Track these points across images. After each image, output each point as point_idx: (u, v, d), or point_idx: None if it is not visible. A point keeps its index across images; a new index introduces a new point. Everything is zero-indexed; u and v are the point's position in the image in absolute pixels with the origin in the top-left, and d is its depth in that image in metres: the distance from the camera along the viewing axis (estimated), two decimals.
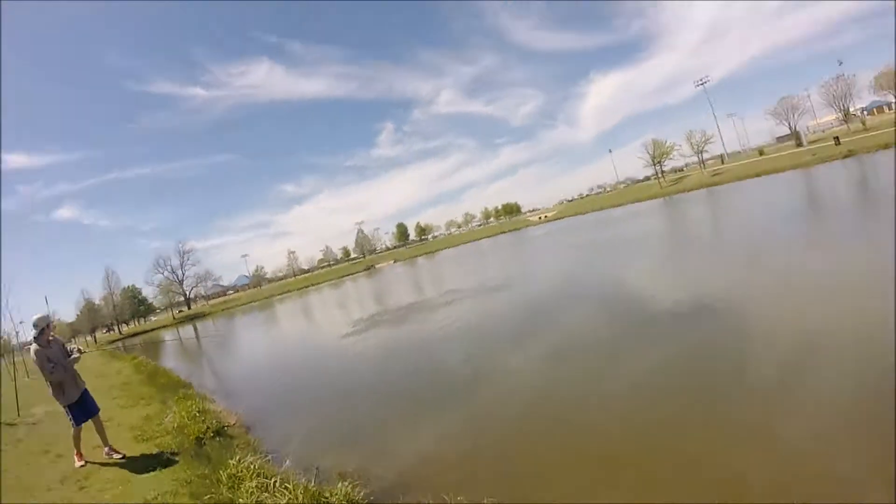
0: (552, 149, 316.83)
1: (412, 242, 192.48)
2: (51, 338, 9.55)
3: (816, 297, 11.54)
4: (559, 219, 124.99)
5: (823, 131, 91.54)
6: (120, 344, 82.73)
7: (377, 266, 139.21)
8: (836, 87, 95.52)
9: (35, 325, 9.36)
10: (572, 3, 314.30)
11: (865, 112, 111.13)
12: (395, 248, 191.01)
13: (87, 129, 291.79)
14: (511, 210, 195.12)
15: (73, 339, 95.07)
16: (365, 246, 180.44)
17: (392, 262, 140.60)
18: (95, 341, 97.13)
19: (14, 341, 42.76)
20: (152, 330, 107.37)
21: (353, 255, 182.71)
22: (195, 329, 76.03)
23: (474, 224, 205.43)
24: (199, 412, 12.50)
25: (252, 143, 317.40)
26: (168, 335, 79.82)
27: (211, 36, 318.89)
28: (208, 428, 10.66)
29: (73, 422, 9.69)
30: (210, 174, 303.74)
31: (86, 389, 10.04)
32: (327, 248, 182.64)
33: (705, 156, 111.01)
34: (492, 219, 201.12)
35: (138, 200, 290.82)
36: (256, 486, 7.29)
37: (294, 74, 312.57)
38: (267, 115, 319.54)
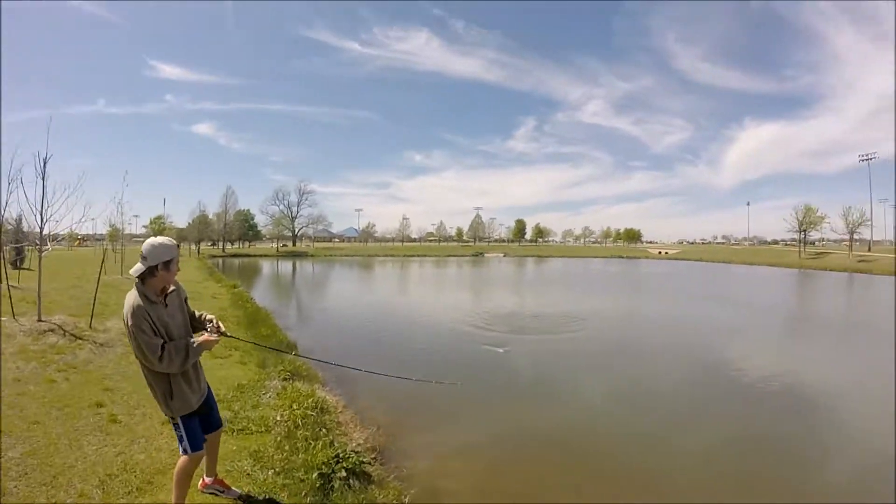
0: (686, 186, 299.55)
1: (525, 241, 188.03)
2: (171, 289, 4.93)
3: None
4: (681, 259, 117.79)
5: None
6: (220, 261, 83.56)
7: (486, 255, 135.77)
8: None
9: (144, 257, 4.70)
10: (746, 39, 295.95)
11: None
12: (508, 241, 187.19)
13: (244, 58, 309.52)
14: (632, 236, 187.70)
15: (178, 245, 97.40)
16: (479, 232, 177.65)
17: (502, 255, 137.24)
18: (199, 252, 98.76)
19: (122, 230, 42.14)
20: (253, 255, 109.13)
21: (465, 238, 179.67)
22: (294, 267, 74.88)
23: (590, 239, 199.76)
24: (315, 409, 8.74)
25: (393, 106, 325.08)
26: (266, 266, 79.35)
27: None
28: (339, 458, 6.71)
29: (185, 445, 4.86)
30: (347, 125, 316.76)
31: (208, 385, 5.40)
32: (441, 223, 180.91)
33: (844, 239, 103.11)
34: (610, 239, 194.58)
35: (273, 134, 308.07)
36: None
37: (450, 50, 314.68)
38: (414, 84, 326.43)
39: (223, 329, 5.03)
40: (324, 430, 8.01)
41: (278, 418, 8.34)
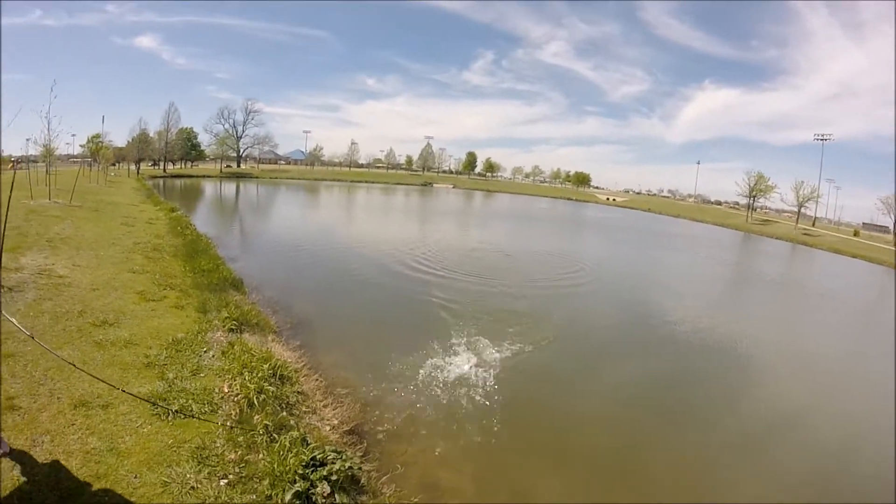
0: (638, 137, 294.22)
1: (475, 175, 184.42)
2: None
3: None
4: (629, 208, 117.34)
5: None
6: (161, 182, 78.75)
7: (435, 185, 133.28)
8: None
9: None
10: (720, 4, 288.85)
11: None
12: (457, 173, 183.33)
13: None
14: (582, 180, 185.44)
15: (117, 164, 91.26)
16: (429, 162, 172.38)
17: (451, 186, 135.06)
18: (139, 172, 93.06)
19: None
20: (196, 176, 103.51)
21: (414, 167, 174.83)
22: (237, 189, 71.30)
23: (539, 178, 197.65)
24: (273, 377, 6.97)
25: (348, 27, 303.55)
26: (209, 187, 75.16)
27: None
28: (317, 463, 5.01)
29: None
30: (298, 44, 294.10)
31: None
32: (391, 150, 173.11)
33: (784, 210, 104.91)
34: (559, 180, 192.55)
35: (220, 49, 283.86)
36: None
37: None
38: (372, 5, 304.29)
39: None
40: (287, 411, 6.26)
41: (226, 390, 6.56)
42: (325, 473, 4.92)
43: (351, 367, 9.65)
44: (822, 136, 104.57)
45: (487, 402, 8.76)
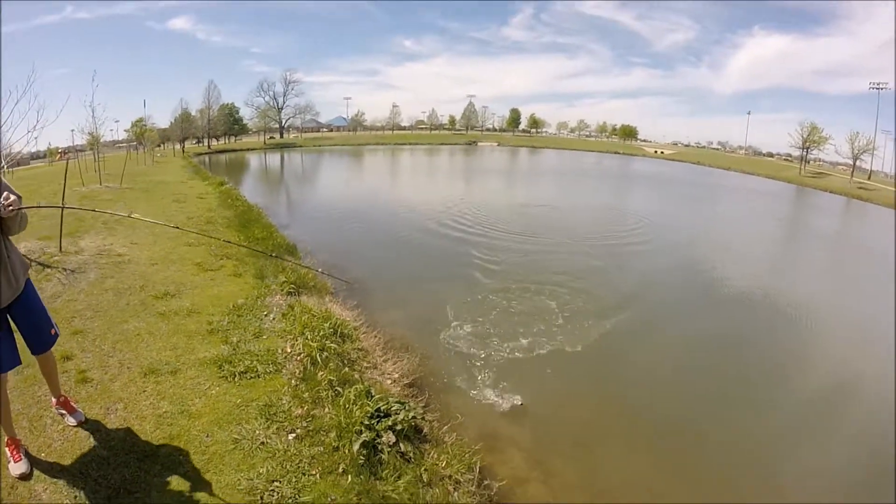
0: (686, 88, 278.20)
1: (519, 131, 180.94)
2: None
3: None
4: (678, 160, 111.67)
5: None
6: (206, 158, 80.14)
7: (479, 144, 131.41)
8: None
9: None
10: None
11: None
12: (501, 131, 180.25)
13: None
14: (628, 133, 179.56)
15: (162, 145, 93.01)
16: (472, 120, 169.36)
17: (496, 144, 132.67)
18: (183, 151, 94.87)
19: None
20: (240, 150, 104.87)
21: (457, 126, 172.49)
22: (282, 159, 72.10)
23: (584, 133, 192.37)
24: (334, 335, 7.07)
25: None
26: (254, 159, 76.21)
27: None
28: (381, 414, 5.08)
29: None
30: (334, 12, 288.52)
31: (30, 285, 4.32)
32: (433, 111, 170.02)
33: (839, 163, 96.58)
34: (605, 134, 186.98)
35: (254, 24, 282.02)
36: None
37: None
38: None
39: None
40: (349, 366, 6.34)
41: (288, 350, 6.68)
42: (389, 424, 4.98)
43: (407, 325, 9.72)
44: (878, 84, 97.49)
45: (544, 357, 8.70)
